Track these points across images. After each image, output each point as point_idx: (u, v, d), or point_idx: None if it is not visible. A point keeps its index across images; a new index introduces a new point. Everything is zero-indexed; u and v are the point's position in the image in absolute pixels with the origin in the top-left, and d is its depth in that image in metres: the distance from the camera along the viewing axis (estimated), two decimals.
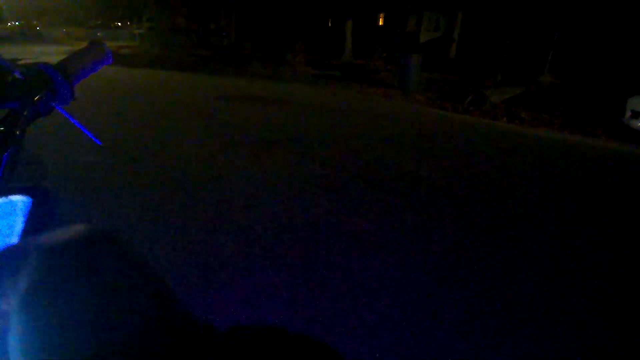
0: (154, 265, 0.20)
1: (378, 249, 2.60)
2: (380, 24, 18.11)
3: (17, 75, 0.53)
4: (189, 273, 2.21)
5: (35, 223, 0.47)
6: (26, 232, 0.47)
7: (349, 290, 2.14)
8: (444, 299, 2.11)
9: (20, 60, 11.11)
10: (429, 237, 2.78)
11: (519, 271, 2.40)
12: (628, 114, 5.79)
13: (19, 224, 0.47)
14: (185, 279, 2.16)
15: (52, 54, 15.07)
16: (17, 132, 0.49)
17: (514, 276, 2.34)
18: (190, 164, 4.08)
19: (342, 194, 3.47)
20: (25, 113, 0.52)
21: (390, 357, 1.71)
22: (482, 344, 1.82)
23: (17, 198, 0.47)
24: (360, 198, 3.40)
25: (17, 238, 0.46)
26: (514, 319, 1.98)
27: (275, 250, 2.51)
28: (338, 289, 2.15)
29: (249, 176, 3.77)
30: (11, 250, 0.19)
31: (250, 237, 2.65)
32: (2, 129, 0.50)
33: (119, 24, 36.29)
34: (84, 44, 0.72)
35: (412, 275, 2.30)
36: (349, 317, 1.94)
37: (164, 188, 3.43)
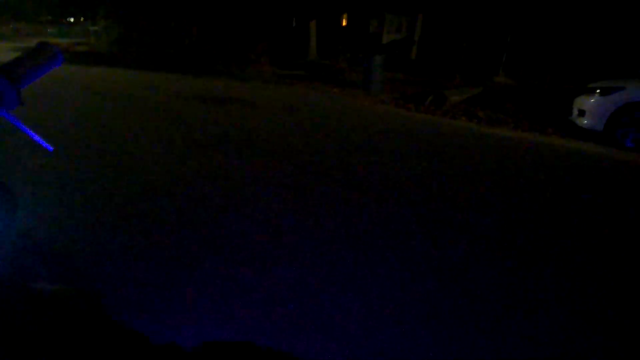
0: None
1: (341, 244, 2.64)
2: (344, 24, 18.31)
3: None
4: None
5: None
6: None
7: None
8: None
9: None
10: (392, 230, 2.86)
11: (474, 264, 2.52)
12: (575, 112, 6.18)
13: None
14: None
15: None
16: None
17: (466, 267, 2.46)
18: (148, 166, 3.97)
19: (306, 193, 3.49)
20: None
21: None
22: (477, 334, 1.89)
23: None
24: (327, 196, 3.44)
25: None
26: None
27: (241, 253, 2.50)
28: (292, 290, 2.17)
29: (208, 177, 3.72)
30: None
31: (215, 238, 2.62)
32: None
33: (72, 19, 34.56)
34: (34, 40, 0.70)
35: (378, 270, 2.36)
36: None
37: (117, 188, 3.33)
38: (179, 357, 0.51)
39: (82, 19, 32.51)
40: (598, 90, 5.85)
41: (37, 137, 0.60)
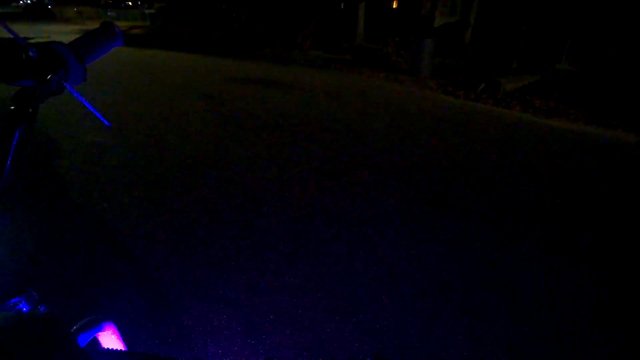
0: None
1: (378, 236, 2.57)
2: (394, 6, 17.68)
3: (31, 54, 0.54)
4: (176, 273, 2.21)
5: None
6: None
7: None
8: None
9: (32, 39, 11.12)
10: (432, 227, 2.74)
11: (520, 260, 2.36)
12: None
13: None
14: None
15: (63, 33, 15.06)
16: (30, 110, 0.50)
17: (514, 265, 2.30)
18: (195, 145, 4.06)
19: (344, 180, 3.43)
20: (37, 92, 0.53)
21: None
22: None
23: None
24: (364, 184, 3.36)
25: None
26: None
27: (276, 232, 2.50)
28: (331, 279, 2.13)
29: (251, 158, 3.75)
30: None
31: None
32: (14, 107, 0.50)
33: (130, 3, 36.02)
34: (95, 23, 0.71)
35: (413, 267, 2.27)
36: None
37: (167, 167, 3.43)
38: None
39: (139, 2, 33.81)
40: None
41: (97, 112, 0.64)
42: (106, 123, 0.70)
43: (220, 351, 1.64)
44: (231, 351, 1.64)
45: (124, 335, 0.68)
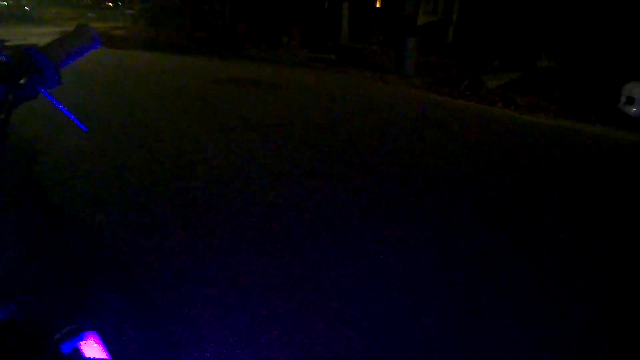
0: None
1: (363, 234, 2.60)
2: (378, 5, 17.79)
3: (2, 58, 0.53)
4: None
5: None
6: None
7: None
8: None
9: (7, 42, 10.84)
10: (421, 220, 2.79)
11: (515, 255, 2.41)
12: (623, 100, 5.78)
13: None
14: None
15: (41, 35, 14.73)
16: (2, 116, 0.49)
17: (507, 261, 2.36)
18: (180, 148, 4.03)
19: (332, 178, 3.45)
20: (10, 97, 0.52)
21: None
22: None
23: None
24: (352, 183, 3.39)
25: None
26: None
27: (261, 234, 2.50)
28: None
29: (238, 159, 3.74)
30: None
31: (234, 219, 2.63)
32: None
33: (110, 4, 35.39)
34: (74, 25, 0.72)
35: (405, 261, 2.31)
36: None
37: (150, 170, 3.40)
38: None
39: (119, 2, 33.24)
40: None
41: (73, 117, 0.63)
42: (83, 128, 0.68)
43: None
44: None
45: (107, 344, 0.67)
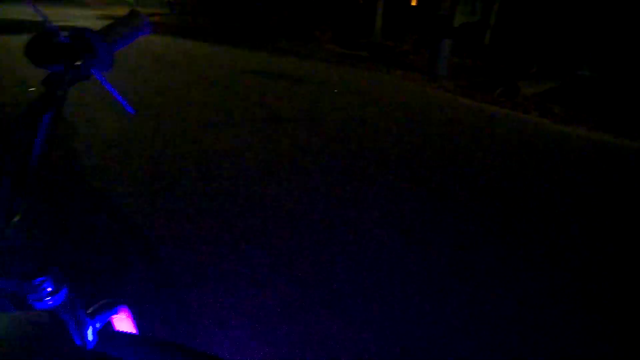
0: None
1: (380, 231, 2.54)
2: (414, 4, 17.47)
3: (62, 39, 0.55)
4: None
5: None
6: None
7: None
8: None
9: (51, 22, 11.23)
10: (441, 225, 2.71)
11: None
12: None
13: None
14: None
15: (82, 17, 15.21)
16: (59, 94, 0.51)
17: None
18: (207, 135, 4.07)
19: (354, 177, 3.40)
20: (67, 77, 0.53)
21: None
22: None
23: None
24: (373, 182, 3.33)
25: None
26: None
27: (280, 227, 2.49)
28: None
29: (262, 151, 3.74)
30: None
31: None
32: (44, 91, 0.51)
33: None
34: (115, 9, 0.73)
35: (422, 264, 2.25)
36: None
37: (175, 157, 3.44)
38: None
39: None
40: None
41: (121, 99, 0.64)
42: (130, 110, 0.70)
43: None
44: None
45: (136, 319, 0.69)
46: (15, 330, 0.37)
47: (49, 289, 0.44)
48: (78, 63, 0.56)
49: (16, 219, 0.43)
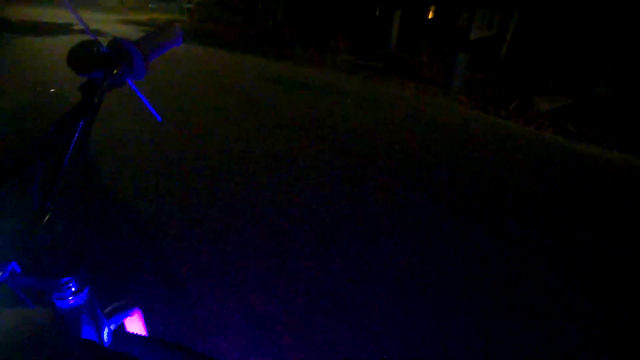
0: None
1: (389, 238, 2.54)
2: (430, 16, 17.52)
3: (102, 49, 0.59)
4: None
5: None
6: None
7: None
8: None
9: (72, 26, 11.50)
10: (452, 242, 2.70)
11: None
12: None
13: None
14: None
15: (105, 22, 15.60)
16: (96, 100, 0.54)
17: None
18: (218, 141, 4.13)
19: (363, 187, 3.42)
20: (104, 84, 0.56)
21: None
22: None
23: None
24: (382, 191, 3.34)
25: None
26: None
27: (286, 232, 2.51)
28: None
29: (277, 159, 3.78)
30: None
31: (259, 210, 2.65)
32: (81, 97, 0.54)
33: None
34: (137, 14, 0.76)
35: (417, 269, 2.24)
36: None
37: (189, 159, 3.50)
38: None
39: None
40: None
41: (151, 107, 0.68)
42: (158, 118, 0.73)
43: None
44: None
45: (147, 322, 0.70)
46: (16, 327, 0.38)
47: (73, 289, 0.47)
48: (115, 72, 0.59)
49: (46, 219, 0.45)
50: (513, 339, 1.93)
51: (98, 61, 0.57)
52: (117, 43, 0.61)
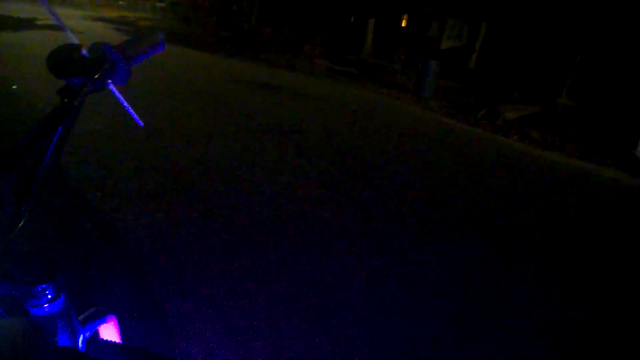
0: None
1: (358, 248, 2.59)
2: (404, 25, 17.92)
3: (83, 53, 0.57)
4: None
5: None
6: None
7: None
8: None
9: (38, 21, 11.07)
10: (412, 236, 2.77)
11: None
12: None
13: None
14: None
15: (75, 18, 15.09)
16: (76, 104, 0.53)
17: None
18: (191, 147, 4.07)
19: (334, 189, 3.46)
20: (84, 89, 0.55)
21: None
22: None
23: None
24: (357, 196, 3.39)
25: None
26: None
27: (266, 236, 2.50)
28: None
29: (247, 163, 3.77)
30: None
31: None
32: (60, 101, 0.53)
33: None
34: (108, 10, 0.75)
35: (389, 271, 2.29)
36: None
37: (156, 171, 3.44)
38: None
39: None
40: None
41: (132, 112, 0.66)
42: (139, 123, 0.71)
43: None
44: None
45: (121, 329, 0.69)
46: None
47: (49, 296, 0.45)
48: (96, 76, 0.57)
49: (21, 224, 0.44)
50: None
51: (79, 66, 0.56)
52: (99, 48, 0.60)
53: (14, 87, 4.84)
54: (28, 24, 10.71)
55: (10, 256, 0.44)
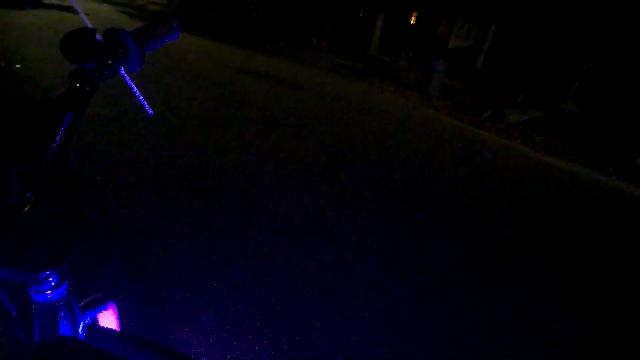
0: None
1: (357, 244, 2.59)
2: (412, 22, 17.82)
3: (97, 38, 0.57)
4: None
5: None
6: None
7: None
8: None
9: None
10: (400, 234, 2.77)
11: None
12: None
13: None
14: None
15: (75, 5, 14.93)
16: (87, 89, 0.52)
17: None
18: (195, 139, 4.06)
19: (336, 183, 3.45)
20: (97, 74, 0.55)
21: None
22: None
23: None
24: (358, 189, 3.39)
25: None
26: None
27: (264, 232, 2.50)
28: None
29: (251, 153, 3.76)
30: None
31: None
32: (71, 85, 0.52)
33: None
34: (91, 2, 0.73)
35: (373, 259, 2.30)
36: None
37: (163, 160, 3.43)
38: None
39: None
40: None
41: (142, 100, 0.67)
42: (149, 111, 0.71)
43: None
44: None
45: (120, 317, 0.69)
46: None
47: (53, 283, 0.44)
48: (110, 62, 0.57)
49: (26, 209, 0.43)
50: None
51: (93, 50, 0.55)
52: (113, 33, 0.59)
53: (17, 66, 4.81)
54: (34, 2, 10.63)
55: (16, 241, 0.43)
